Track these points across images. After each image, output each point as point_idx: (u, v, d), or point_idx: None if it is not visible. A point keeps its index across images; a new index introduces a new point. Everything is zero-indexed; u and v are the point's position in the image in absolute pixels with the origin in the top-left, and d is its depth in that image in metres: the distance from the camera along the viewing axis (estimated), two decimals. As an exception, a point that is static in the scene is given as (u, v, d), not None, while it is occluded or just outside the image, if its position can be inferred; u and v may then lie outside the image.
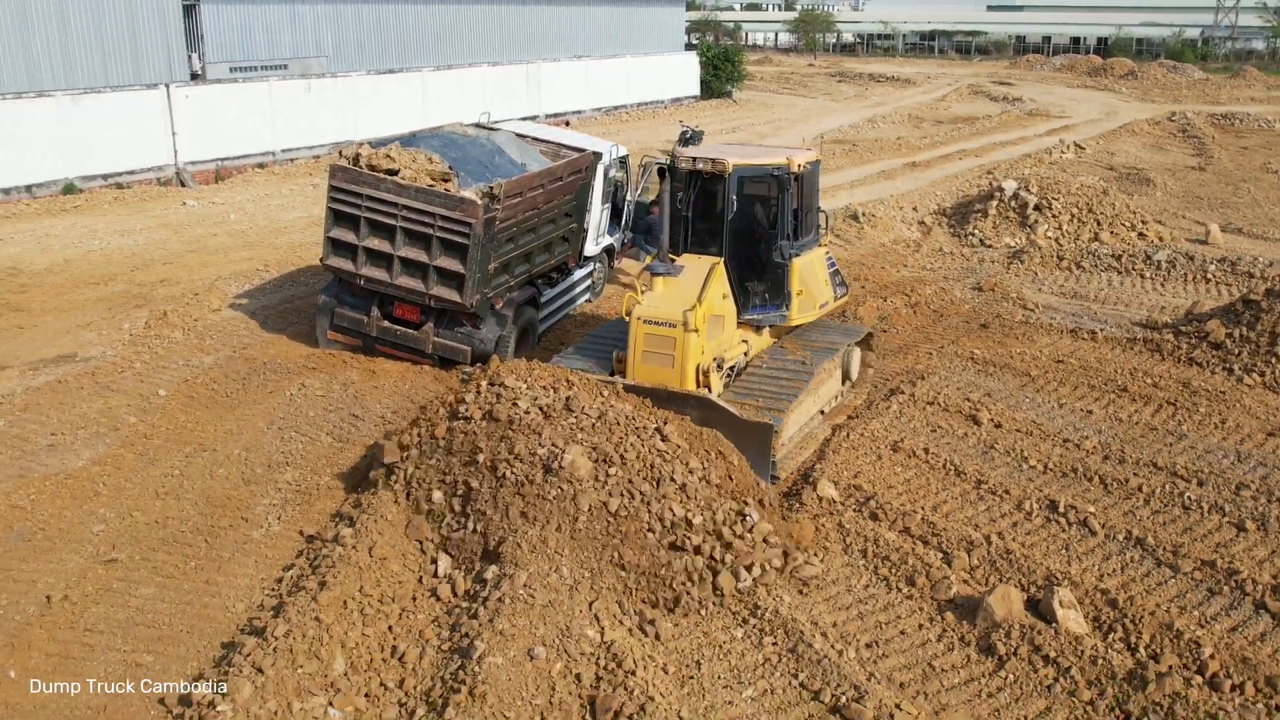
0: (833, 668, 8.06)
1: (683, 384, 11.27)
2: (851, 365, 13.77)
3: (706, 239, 12.50)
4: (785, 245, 12.42)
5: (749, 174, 12.27)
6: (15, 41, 28.19)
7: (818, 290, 13.09)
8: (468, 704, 7.33)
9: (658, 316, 11.37)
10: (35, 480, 11.26)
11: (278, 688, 7.48)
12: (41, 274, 20.36)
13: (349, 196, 13.84)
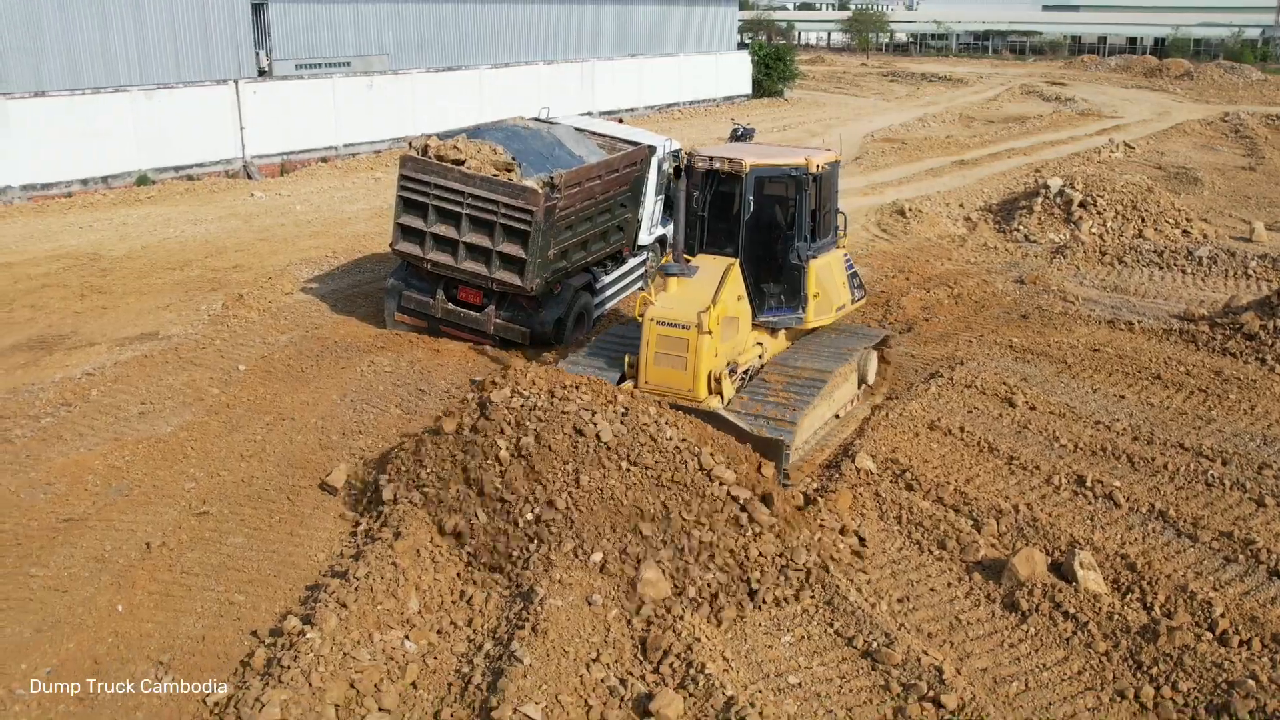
0: (866, 618, 8.73)
1: (694, 387, 11.09)
2: (868, 369, 13.62)
3: (722, 239, 12.31)
4: (802, 247, 12.28)
5: (766, 174, 12.07)
6: (95, 39, 29.44)
7: (835, 293, 13.00)
8: (530, 639, 8.07)
9: (671, 318, 11.15)
10: (129, 443, 12.20)
11: (359, 620, 8.27)
12: (121, 259, 21.43)
13: (418, 185, 14.68)
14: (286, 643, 8.09)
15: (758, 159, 12.07)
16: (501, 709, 7.34)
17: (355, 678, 7.71)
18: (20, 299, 18.48)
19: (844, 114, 48.19)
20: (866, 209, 25.41)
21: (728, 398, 11.45)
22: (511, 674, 7.69)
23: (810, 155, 12.28)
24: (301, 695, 7.43)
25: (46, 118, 27.80)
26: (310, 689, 7.49)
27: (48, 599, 9.12)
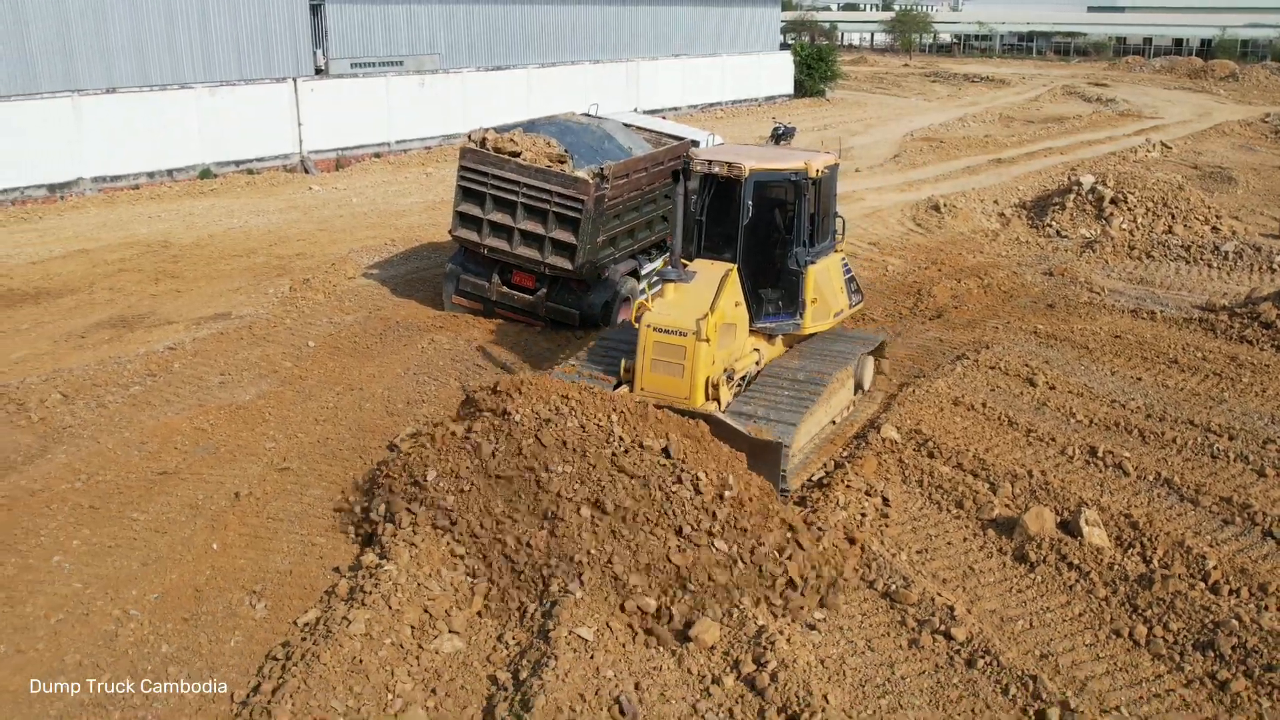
0: (886, 564, 9.61)
1: (692, 394, 10.99)
2: (864, 375, 13.61)
3: (721, 244, 12.15)
4: (801, 252, 12.20)
5: (766, 179, 11.91)
6: (163, 38, 30.78)
7: (833, 298, 12.90)
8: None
9: (668, 324, 11.04)
10: (212, 409, 13.31)
11: (428, 557, 9.26)
12: (190, 247, 22.64)
13: (476, 175, 15.71)
14: (367, 574, 9.09)
15: (757, 163, 11.89)
16: (557, 630, 8.29)
17: (428, 604, 8.70)
18: (99, 282, 19.70)
19: (884, 114, 48.84)
20: (902, 204, 26.19)
21: (725, 403, 11.37)
22: (564, 603, 8.63)
23: (810, 159, 12.14)
24: (382, 615, 8.42)
25: (117, 113, 29.15)
26: (390, 611, 8.49)
27: (150, 539, 10.20)
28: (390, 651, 8.22)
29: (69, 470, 11.61)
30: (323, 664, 7.87)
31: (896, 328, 16.83)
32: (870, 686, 8.13)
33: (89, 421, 13.01)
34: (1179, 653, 8.51)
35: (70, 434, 12.66)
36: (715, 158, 12.06)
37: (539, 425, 9.94)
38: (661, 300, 11.44)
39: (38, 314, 17.74)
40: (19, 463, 11.87)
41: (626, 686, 7.88)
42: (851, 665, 8.35)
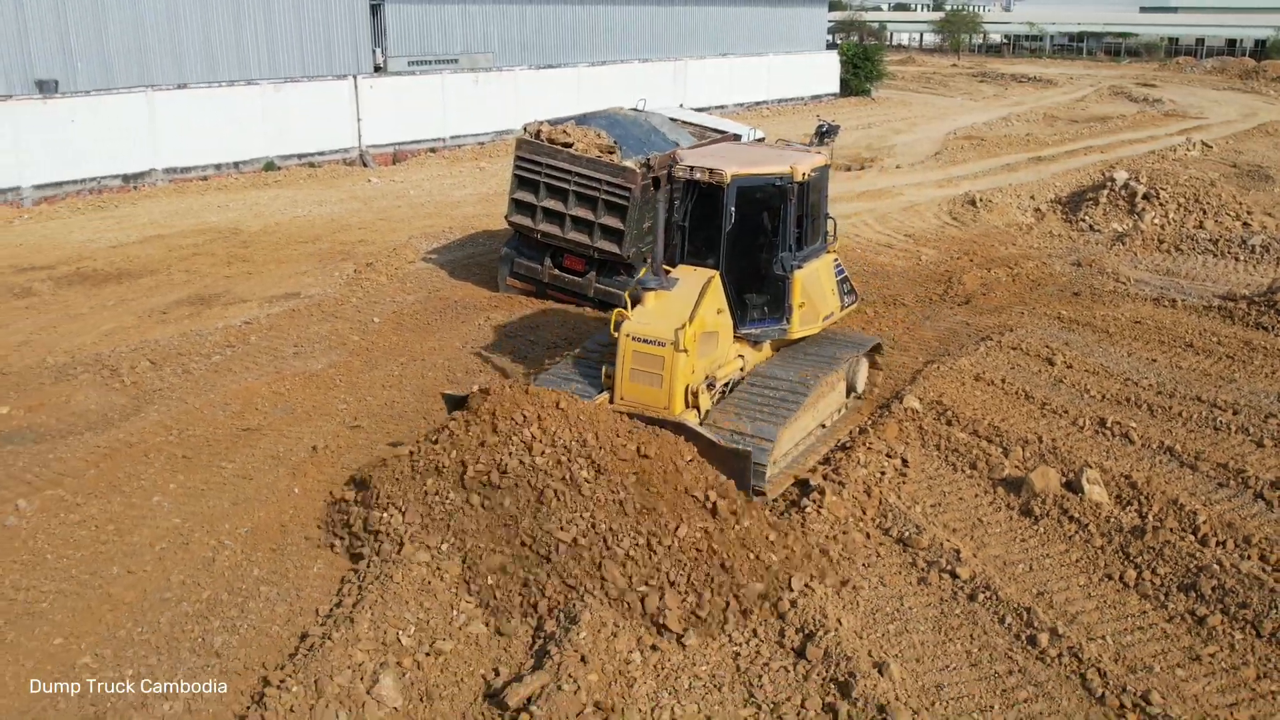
0: (901, 514, 10.57)
1: (670, 404, 10.87)
2: (857, 378, 13.50)
3: (704, 250, 12.03)
4: (786, 257, 12.00)
5: (749, 184, 11.72)
6: (231, 36, 32.25)
7: (822, 301, 12.68)
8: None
9: (646, 334, 10.88)
10: (288, 376, 14.51)
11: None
12: (258, 234, 23.95)
13: (531, 164, 16.81)
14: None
15: (740, 168, 11.73)
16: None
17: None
18: (175, 265, 21.03)
19: (929, 113, 49.46)
20: (940, 199, 26.99)
21: (705, 412, 11.29)
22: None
23: (796, 162, 11.92)
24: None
25: (187, 108, 30.59)
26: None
27: (238, 483, 11.39)
28: (452, 580, 9.30)
29: (161, 426, 12.85)
30: (395, 583, 8.97)
31: (925, 312, 17.72)
32: (880, 615, 9.11)
33: (176, 385, 14.26)
34: (1164, 593, 9.40)
35: (160, 396, 13.91)
36: (698, 163, 11.89)
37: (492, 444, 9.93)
38: (642, 309, 11.17)
39: (121, 292, 19.08)
40: (116, 419, 13.13)
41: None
42: (865, 597, 9.33)
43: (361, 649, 8.25)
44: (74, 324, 17.16)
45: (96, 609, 9.07)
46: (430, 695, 8.02)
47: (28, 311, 17.88)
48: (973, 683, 8.25)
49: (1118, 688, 8.04)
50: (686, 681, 8.17)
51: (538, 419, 10.06)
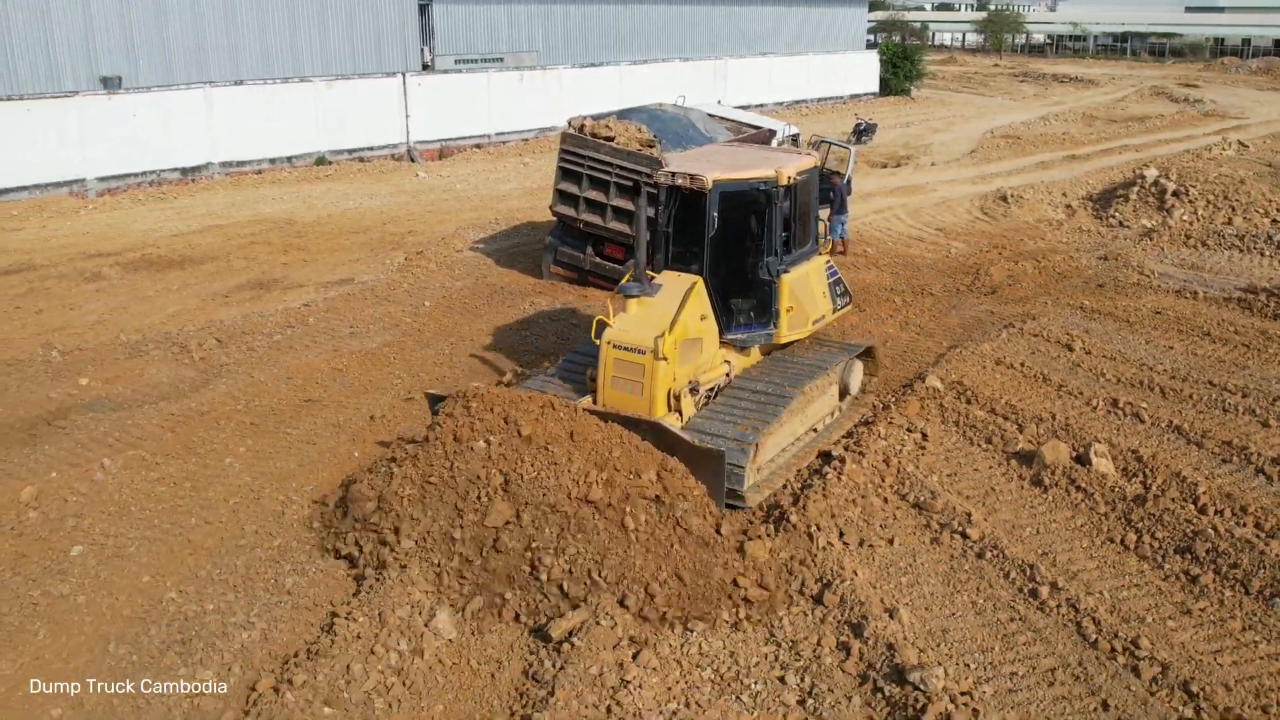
0: (918, 482, 11.31)
1: (651, 411, 10.80)
2: (851, 381, 13.33)
3: (688, 256, 11.88)
4: (773, 262, 11.83)
5: (731, 188, 11.49)
6: (285, 35, 33.39)
7: (811, 305, 12.53)
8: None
9: (627, 341, 10.90)
10: (345, 353, 15.46)
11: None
12: (312, 224, 24.99)
13: (575, 157, 17.67)
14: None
15: (722, 172, 11.53)
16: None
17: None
18: (234, 253, 22.09)
19: (968, 112, 49.88)
20: (972, 195, 27.58)
21: (687, 416, 11.28)
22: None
23: (781, 165, 11.76)
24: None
25: (243, 104, 31.75)
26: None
27: (302, 448, 12.32)
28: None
29: (230, 397, 13.82)
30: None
31: (952, 301, 18.39)
32: (894, 569, 9.86)
33: (242, 361, 15.25)
34: (1161, 555, 10.07)
35: (227, 370, 14.90)
36: (680, 169, 11.66)
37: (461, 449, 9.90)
38: (624, 316, 11.17)
39: (184, 277, 20.14)
40: (187, 391, 14.13)
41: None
42: (880, 554, 10.08)
43: (418, 589, 9.10)
44: (142, 305, 18.22)
45: (178, 552, 10.00)
46: (480, 630, 8.87)
47: (99, 294, 18.97)
48: (976, 628, 8.99)
49: (1110, 634, 8.74)
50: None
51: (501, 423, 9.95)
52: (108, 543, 10.20)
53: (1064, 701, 8.05)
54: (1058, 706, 8.00)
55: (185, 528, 10.47)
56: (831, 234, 21.21)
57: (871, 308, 17.79)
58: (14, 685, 8.14)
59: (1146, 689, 8.13)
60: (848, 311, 14.02)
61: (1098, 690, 8.14)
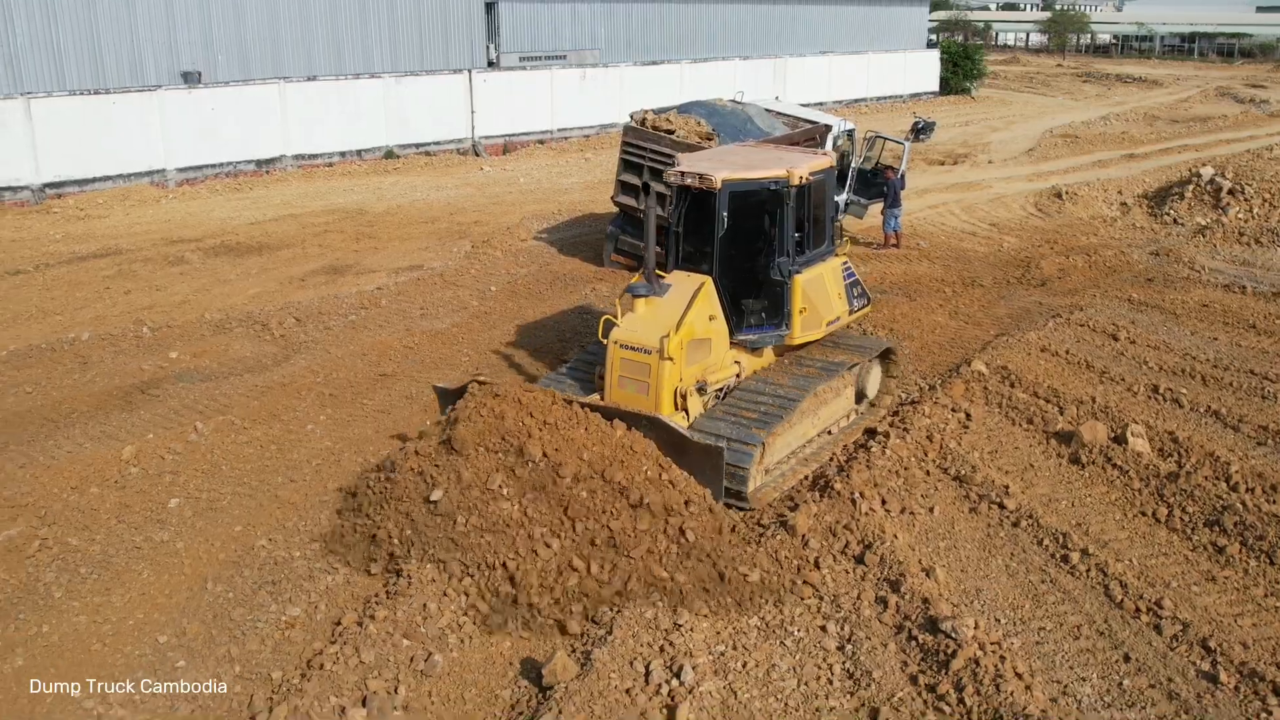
0: (960, 457, 11.86)
1: (657, 411, 10.78)
2: (867, 384, 13.22)
3: (698, 256, 11.92)
4: (784, 262, 11.74)
5: (742, 188, 11.43)
6: (357, 32, 34.49)
7: (825, 307, 12.37)
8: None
9: (633, 341, 10.95)
10: (416, 333, 16.31)
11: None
12: (381, 215, 25.95)
13: (636, 149, 18.37)
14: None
15: (732, 171, 11.46)
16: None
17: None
18: (309, 240, 23.08)
19: (1028, 112, 49.94)
20: (1027, 192, 27.92)
21: (694, 416, 11.28)
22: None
23: (793, 165, 11.67)
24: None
25: (316, 99, 32.86)
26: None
27: (378, 416, 13.18)
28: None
29: (309, 371, 14.70)
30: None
31: (1002, 292, 18.84)
32: (933, 534, 10.44)
33: (319, 339, 16.14)
34: (1190, 527, 10.55)
35: (306, 347, 15.79)
36: (690, 168, 11.68)
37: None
38: (631, 315, 11.27)
39: (262, 262, 21.14)
40: (269, 365, 15.04)
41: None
42: (920, 520, 10.67)
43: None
44: (224, 288, 19.23)
45: (267, 506, 10.85)
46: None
47: (182, 277, 20.02)
48: (1008, 589, 9.55)
49: (1136, 595, 9.27)
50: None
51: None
52: (202, 496, 11.08)
53: (1087, 654, 8.60)
54: (1081, 658, 8.55)
55: (273, 485, 11.32)
56: (885, 227, 21.81)
57: (922, 298, 18.30)
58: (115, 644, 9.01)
59: (1166, 644, 8.65)
60: (867, 311, 13.90)
61: (1120, 645, 8.68)
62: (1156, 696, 8.05)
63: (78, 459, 11.75)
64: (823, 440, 12.52)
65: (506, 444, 10.02)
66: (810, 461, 12.01)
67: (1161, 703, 7.98)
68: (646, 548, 9.30)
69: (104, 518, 10.61)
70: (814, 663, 8.47)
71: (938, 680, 8.08)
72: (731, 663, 8.42)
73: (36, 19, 27.94)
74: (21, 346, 15.69)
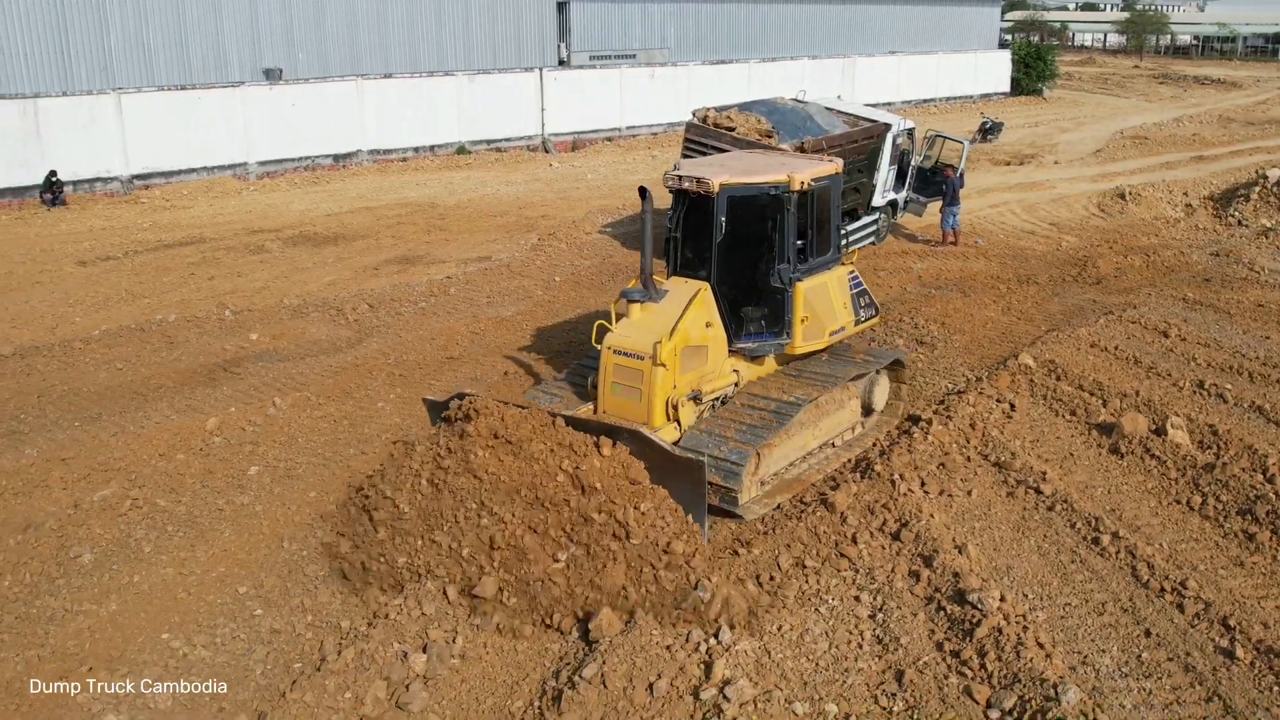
0: (1001, 445, 12.25)
1: (650, 419, 10.63)
2: (874, 396, 12.94)
3: (697, 262, 11.65)
4: (785, 269, 11.51)
5: (741, 193, 11.19)
6: (431, 31, 35.41)
7: (829, 316, 12.13)
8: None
9: (627, 347, 10.77)
10: (483, 320, 17.05)
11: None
12: (452, 208, 26.78)
13: (698, 145, 18.92)
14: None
15: (730, 176, 11.23)
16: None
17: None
18: (382, 232, 23.96)
19: (1100, 113, 49.60)
20: (1090, 193, 27.98)
21: (686, 426, 11.04)
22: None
23: (795, 170, 11.44)
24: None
25: (391, 96, 33.89)
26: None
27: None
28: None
29: (380, 353, 15.48)
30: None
31: (1056, 290, 19.08)
32: (968, 516, 10.87)
33: (390, 324, 16.93)
34: (1223, 515, 10.85)
35: (378, 331, 16.59)
36: (689, 172, 11.46)
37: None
38: (626, 321, 11.10)
39: (338, 252, 22.04)
40: (343, 347, 15.85)
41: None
42: (957, 502, 11.09)
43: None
44: (301, 275, 20.13)
45: (340, 475, 11.59)
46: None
47: (262, 265, 20.97)
48: (1038, 567, 9.96)
49: (1162, 576, 9.62)
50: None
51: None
52: (280, 465, 11.87)
53: (1110, 629, 8.99)
54: (1103, 632, 8.94)
55: (345, 456, 12.07)
56: (943, 225, 22.14)
57: (976, 294, 18.61)
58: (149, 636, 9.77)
59: (1188, 622, 9.01)
60: (875, 322, 13.71)
61: (1142, 621, 9.06)
62: (1173, 669, 8.43)
63: (165, 429, 12.63)
64: (826, 453, 12.33)
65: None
66: (810, 475, 11.81)
67: (1178, 674, 8.36)
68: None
69: (189, 482, 11.44)
70: (846, 628, 8.97)
71: (962, 647, 8.54)
72: (767, 625, 8.95)
73: (129, 19, 29.21)
74: (113, 327, 16.69)
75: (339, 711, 7.83)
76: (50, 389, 14.16)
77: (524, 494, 9.27)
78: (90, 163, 27.99)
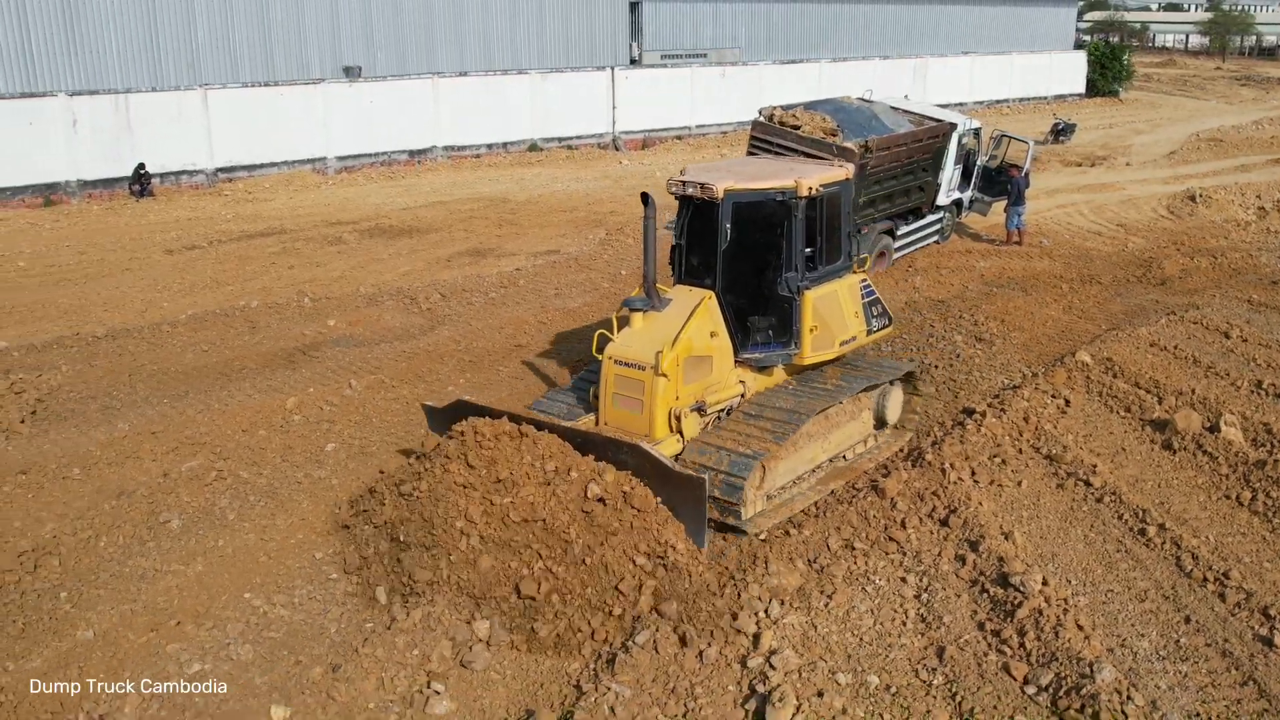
0: (1053, 439, 12.48)
1: (651, 431, 10.41)
2: (888, 408, 12.64)
3: (701, 270, 11.37)
4: (793, 278, 11.20)
5: (745, 199, 10.88)
6: (506, 29, 36.14)
7: (839, 326, 11.76)
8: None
9: (628, 357, 10.56)
10: (550, 310, 17.59)
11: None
12: (523, 203, 27.39)
13: (764, 143, 19.23)
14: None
15: (736, 182, 10.92)
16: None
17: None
18: (455, 225, 24.63)
19: (1176, 115, 48.96)
20: (1160, 195, 27.83)
21: (689, 438, 10.79)
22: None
23: (802, 176, 11.14)
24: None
25: (466, 93, 34.61)
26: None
27: (511, 382, 14.52)
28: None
29: (451, 341, 16.09)
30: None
31: (1119, 290, 19.15)
32: (1017, 505, 11.14)
33: (461, 313, 17.54)
34: (1272, 511, 10.99)
35: (449, 320, 17.20)
36: (692, 178, 11.19)
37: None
38: (628, 330, 10.90)
39: (412, 244, 22.74)
40: (416, 334, 16.49)
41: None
42: (1007, 493, 11.36)
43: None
44: (377, 265, 20.84)
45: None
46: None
47: (339, 255, 21.73)
48: (1083, 555, 10.21)
49: (1205, 567, 9.83)
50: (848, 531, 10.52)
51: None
52: (355, 442, 12.49)
53: (1150, 615, 9.23)
54: (1143, 618, 9.19)
55: (417, 436, 12.65)
56: (1008, 225, 22.27)
57: (1037, 292, 18.75)
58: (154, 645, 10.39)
59: (1228, 610, 9.22)
60: (889, 332, 13.26)
61: (1183, 608, 9.28)
62: (1210, 654, 8.66)
63: (248, 406, 13.33)
64: (837, 466, 12.09)
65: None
66: (819, 488, 11.59)
67: (1214, 659, 8.59)
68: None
69: (270, 456, 12.11)
70: (891, 607, 9.32)
71: (1002, 626, 8.85)
72: (815, 602, 9.33)
73: (216, 18, 30.28)
74: (199, 311, 17.51)
75: (407, 666, 8.38)
76: (141, 368, 14.96)
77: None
78: (177, 156, 29.04)
